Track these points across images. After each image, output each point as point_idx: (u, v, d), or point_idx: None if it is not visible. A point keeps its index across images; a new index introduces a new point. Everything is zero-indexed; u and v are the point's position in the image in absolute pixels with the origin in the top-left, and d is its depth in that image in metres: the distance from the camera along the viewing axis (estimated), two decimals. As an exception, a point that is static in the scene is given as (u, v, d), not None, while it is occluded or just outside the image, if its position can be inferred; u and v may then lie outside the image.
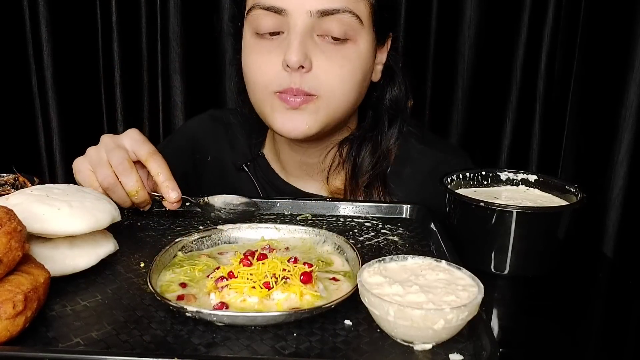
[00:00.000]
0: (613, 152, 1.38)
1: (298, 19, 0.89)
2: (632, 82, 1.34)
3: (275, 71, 0.91)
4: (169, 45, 1.52)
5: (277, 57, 0.91)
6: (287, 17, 0.89)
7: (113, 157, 0.81)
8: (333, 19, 0.89)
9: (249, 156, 1.12)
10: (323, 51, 0.91)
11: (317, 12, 0.88)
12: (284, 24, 0.90)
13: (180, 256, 0.70)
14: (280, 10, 0.89)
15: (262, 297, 0.59)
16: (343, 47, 0.92)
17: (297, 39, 0.88)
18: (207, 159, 1.16)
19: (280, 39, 0.91)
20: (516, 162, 1.51)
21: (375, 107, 1.06)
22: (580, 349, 0.62)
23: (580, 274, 0.80)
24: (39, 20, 1.51)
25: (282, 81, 0.91)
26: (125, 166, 0.80)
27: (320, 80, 0.91)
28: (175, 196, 0.81)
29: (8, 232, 0.54)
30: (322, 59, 0.91)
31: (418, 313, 0.51)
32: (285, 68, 0.90)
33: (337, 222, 0.86)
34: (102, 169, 0.81)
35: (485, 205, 0.73)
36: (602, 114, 1.39)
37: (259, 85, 0.94)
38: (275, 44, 0.92)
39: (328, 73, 0.91)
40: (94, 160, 0.82)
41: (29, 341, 0.53)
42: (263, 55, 0.93)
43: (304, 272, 0.61)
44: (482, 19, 1.46)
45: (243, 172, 1.11)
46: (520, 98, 1.48)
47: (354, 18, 0.91)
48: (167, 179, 0.81)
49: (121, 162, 0.80)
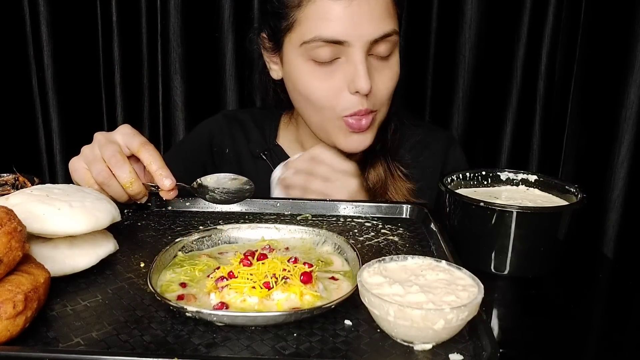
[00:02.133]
0: (613, 152, 1.38)
1: (358, 48, 0.93)
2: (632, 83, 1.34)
3: (342, 96, 0.97)
4: (169, 45, 1.52)
5: (340, 81, 0.96)
6: (347, 48, 0.94)
7: (106, 151, 0.82)
8: (384, 41, 0.95)
9: (265, 146, 1.18)
10: (376, 69, 0.97)
11: (374, 40, 0.94)
12: (342, 51, 0.95)
13: (180, 256, 0.70)
14: (342, 42, 0.93)
15: (262, 297, 0.59)
16: (388, 61, 0.99)
17: (362, 69, 0.93)
18: (225, 152, 1.20)
19: (339, 63, 0.96)
20: (516, 162, 1.51)
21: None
22: (581, 349, 0.62)
23: (580, 274, 0.80)
24: (39, 21, 1.50)
25: (351, 105, 0.96)
26: (117, 158, 0.81)
27: (378, 97, 0.98)
28: (169, 183, 0.81)
29: (8, 232, 0.54)
30: (377, 77, 0.97)
31: (418, 313, 0.51)
32: (354, 94, 0.95)
33: (337, 222, 0.86)
34: (96, 164, 0.82)
35: (485, 205, 0.73)
36: (603, 115, 1.39)
37: (327, 110, 0.99)
38: (334, 69, 0.96)
39: (383, 88, 0.99)
40: (89, 157, 0.83)
41: (29, 341, 0.53)
42: (326, 82, 0.97)
43: (304, 272, 0.62)
44: (483, 19, 1.46)
45: (260, 160, 1.16)
46: (520, 98, 1.48)
47: (397, 36, 0.98)
48: (160, 167, 0.82)
49: (113, 154, 0.81)
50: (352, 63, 0.95)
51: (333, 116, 0.99)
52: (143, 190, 0.83)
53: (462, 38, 1.48)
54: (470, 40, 1.47)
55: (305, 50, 0.97)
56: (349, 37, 0.93)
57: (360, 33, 0.93)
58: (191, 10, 1.50)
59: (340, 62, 0.96)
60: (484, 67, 1.49)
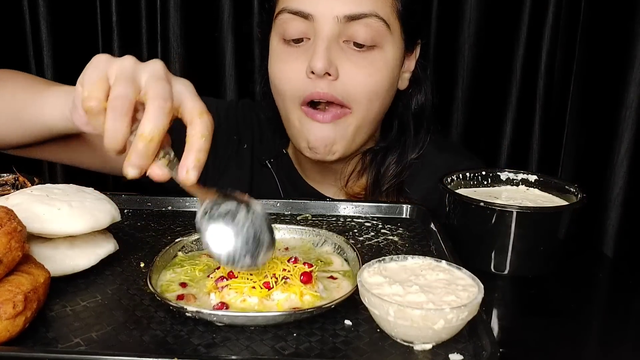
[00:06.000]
0: (613, 152, 1.38)
1: (325, 24, 0.87)
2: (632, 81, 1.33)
3: (301, 79, 0.89)
4: (169, 45, 1.51)
5: (303, 64, 0.89)
6: (313, 23, 0.88)
7: (120, 87, 0.57)
8: (360, 23, 0.87)
9: (274, 152, 1.10)
10: (349, 58, 0.89)
11: (344, 17, 0.86)
12: (310, 29, 0.88)
13: (180, 256, 0.70)
14: (307, 15, 0.87)
15: (262, 297, 0.59)
16: (369, 54, 0.90)
17: (322, 45, 0.86)
18: (243, 146, 1.11)
19: (307, 45, 0.90)
20: (516, 162, 1.51)
21: (401, 116, 1.04)
22: (580, 349, 0.62)
23: (580, 274, 0.79)
24: (39, 21, 1.50)
25: (309, 87, 0.88)
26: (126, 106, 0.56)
27: (348, 88, 0.89)
28: (194, 176, 0.57)
29: (8, 232, 0.54)
30: (349, 66, 0.88)
31: (418, 313, 0.51)
32: (309, 75, 0.88)
33: (337, 222, 0.86)
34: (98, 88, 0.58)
35: (485, 205, 0.73)
36: (602, 114, 1.39)
37: (286, 94, 0.92)
38: (301, 51, 0.90)
39: (355, 81, 0.89)
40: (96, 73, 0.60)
41: (29, 341, 0.53)
42: (289, 63, 0.91)
43: (304, 272, 0.61)
44: (482, 18, 1.46)
45: (267, 168, 1.09)
46: (520, 98, 1.48)
47: (382, 23, 0.89)
48: (202, 150, 0.57)
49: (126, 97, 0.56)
50: (315, 41, 0.88)
51: (293, 105, 0.91)
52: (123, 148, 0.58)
53: (462, 37, 1.47)
54: (469, 40, 1.47)
55: (277, 28, 0.91)
56: (315, 10, 0.87)
57: (328, 7, 0.86)
58: (191, 10, 1.50)
59: (308, 44, 0.90)
60: (483, 67, 1.49)
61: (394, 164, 1.01)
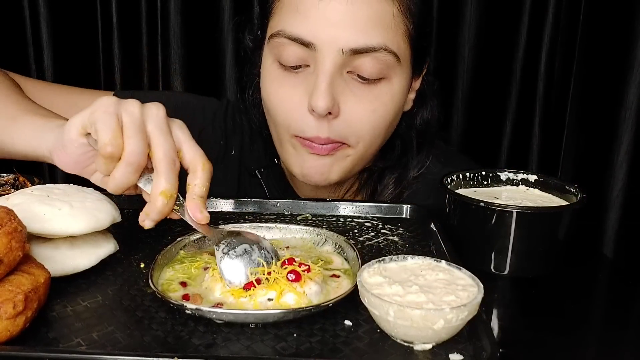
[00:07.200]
0: (613, 152, 1.38)
1: (327, 56, 0.77)
2: (631, 82, 1.34)
3: (300, 113, 0.81)
4: (170, 46, 1.52)
5: (302, 94, 0.81)
6: (314, 52, 0.78)
7: (134, 136, 0.61)
8: (367, 56, 0.78)
9: (265, 162, 1.03)
10: (353, 91, 0.81)
11: (350, 50, 0.77)
12: (311, 58, 0.79)
13: (182, 254, 0.71)
14: (308, 43, 0.78)
15: (238, 297, 0.59)
16: (375, 87, 0.81)
17: (325, 81, 0.77)
18: (231, 153, 1.04)
19: (306, 72, 0.81)
20: (516, 162, 1.51)
21: (404, 135, 0.97)
22: (580, 349, 0.62)
23: (580, 274, 0.79)
24: (39, 21, 1.51)
25: (307, 127, 0.81)
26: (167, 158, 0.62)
27: (350, 127, 0.82)
28: (203, 217, 0.64)
29: (8, 232, 0.54)
30: (352, 102, 0.81)
31: (418, 313, 0.51)
32: (311, 112, 0.80)
33: (337, 222, 0.86)
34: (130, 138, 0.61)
35: (485, 205, 0.73)
36: (602, 115, 1.39)
37: (281, 126, 0.85)
38: (300, 79, 0.81)
39: (358, 118, 0.82)
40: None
41: (30, 341, 0.53)
42: (286, 90, 0.82)
43: (292, 270, 0.61)
44: (482, 19, 1.46)
45: (256, 178, 1.02)
46: (520, 99, 1.49)
47: (391, 56, 0.80)
48: (204, 195, 0.64)
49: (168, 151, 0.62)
50: (316, 73, 0.78)
51: (287, 134, 0.84)
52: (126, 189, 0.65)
53: (462, 38, 1.48)
54: (469, 41, 1.47)
55: (272, 47, 0.82)
56: (317, 39, 0.77)
57: (333, 37, 0.76)
58: (191, 11, 1.50)
59: (307, 72, 0.81)
60: (483, 67, 1.49)
61: (393, 185, 0.96)
